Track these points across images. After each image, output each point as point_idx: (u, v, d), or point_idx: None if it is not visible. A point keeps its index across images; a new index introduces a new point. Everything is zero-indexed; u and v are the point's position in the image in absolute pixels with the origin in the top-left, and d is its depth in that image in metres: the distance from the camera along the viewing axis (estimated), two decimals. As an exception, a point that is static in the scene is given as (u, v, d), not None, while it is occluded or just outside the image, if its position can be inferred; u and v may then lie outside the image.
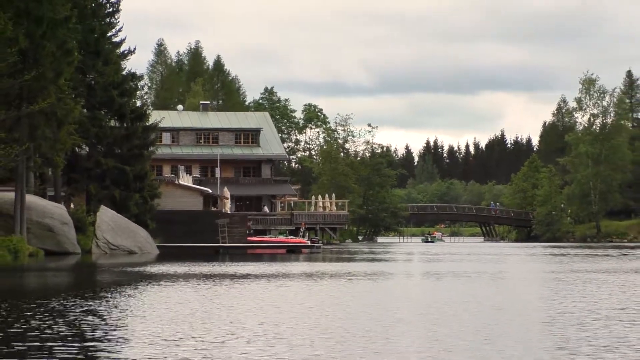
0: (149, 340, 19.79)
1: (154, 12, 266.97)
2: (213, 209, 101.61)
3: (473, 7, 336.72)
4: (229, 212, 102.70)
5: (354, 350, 18.34)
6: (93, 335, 20.61)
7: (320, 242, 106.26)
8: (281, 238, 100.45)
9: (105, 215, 75.00)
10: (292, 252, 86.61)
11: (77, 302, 28.80)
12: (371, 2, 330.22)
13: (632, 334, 20.88)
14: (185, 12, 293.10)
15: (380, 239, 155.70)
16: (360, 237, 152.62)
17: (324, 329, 21.90)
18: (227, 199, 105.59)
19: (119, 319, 23.93)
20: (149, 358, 17.16)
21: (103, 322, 23.07)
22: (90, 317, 24.10)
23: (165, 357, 17.21)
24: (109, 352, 18.07)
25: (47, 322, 22.97)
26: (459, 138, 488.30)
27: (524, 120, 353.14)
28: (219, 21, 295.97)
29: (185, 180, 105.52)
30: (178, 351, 18.09)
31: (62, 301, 29.00)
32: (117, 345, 19.11)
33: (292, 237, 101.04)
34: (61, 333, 20.84)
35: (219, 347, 18.74)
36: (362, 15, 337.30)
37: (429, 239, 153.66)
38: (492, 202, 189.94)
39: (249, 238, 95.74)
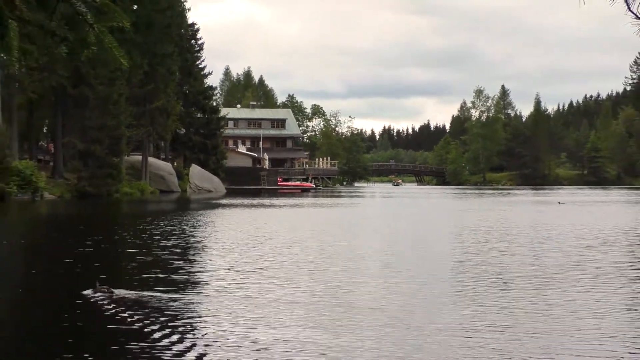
0: (222, 242, 20.14)
1: (223, 49, 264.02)
2: (258, 166, 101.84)
3: (401, 46, 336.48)
4: (267, 168, 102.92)
5: (337, 251, 18.69)
6: (187, 239, 20.95)
7: (321, 185, 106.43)
8: (298, 183, 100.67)
9: (195, 169, 75.27)
10: (305, 191, 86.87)
11: (179, 218, 29.15)
12: (343, 42, 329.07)
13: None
14: (243, 49, 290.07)
15: (356, 184, 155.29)
16: (344, 183, 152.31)
17: (320, 232, 22.29)
18: (266, 160, 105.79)
19: (203, 229, 24.28)
20: (221, 254, 17.43)
21: (193, 231, 23.43)
22: (185, 227, 24.46)
23: (230, 256, 17.53)
24: (192, 250, 18.42)
25: (161, 229, 23.33)
26: (401, 124, 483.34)
27: (437, 115, 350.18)
28: (261, 54, 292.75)
29: (242, 149, 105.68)
30: (238, 248, 18.45)
31: (171, 219, 29.34)
32: (200, 245, 19.47)
33: (304, 182, 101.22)
34: (166, 238, 21.16)
35: (260, 244, 19.10)
36: (337, 50, 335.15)
37: (395, 184, 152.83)
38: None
39: (279, 183, 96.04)
